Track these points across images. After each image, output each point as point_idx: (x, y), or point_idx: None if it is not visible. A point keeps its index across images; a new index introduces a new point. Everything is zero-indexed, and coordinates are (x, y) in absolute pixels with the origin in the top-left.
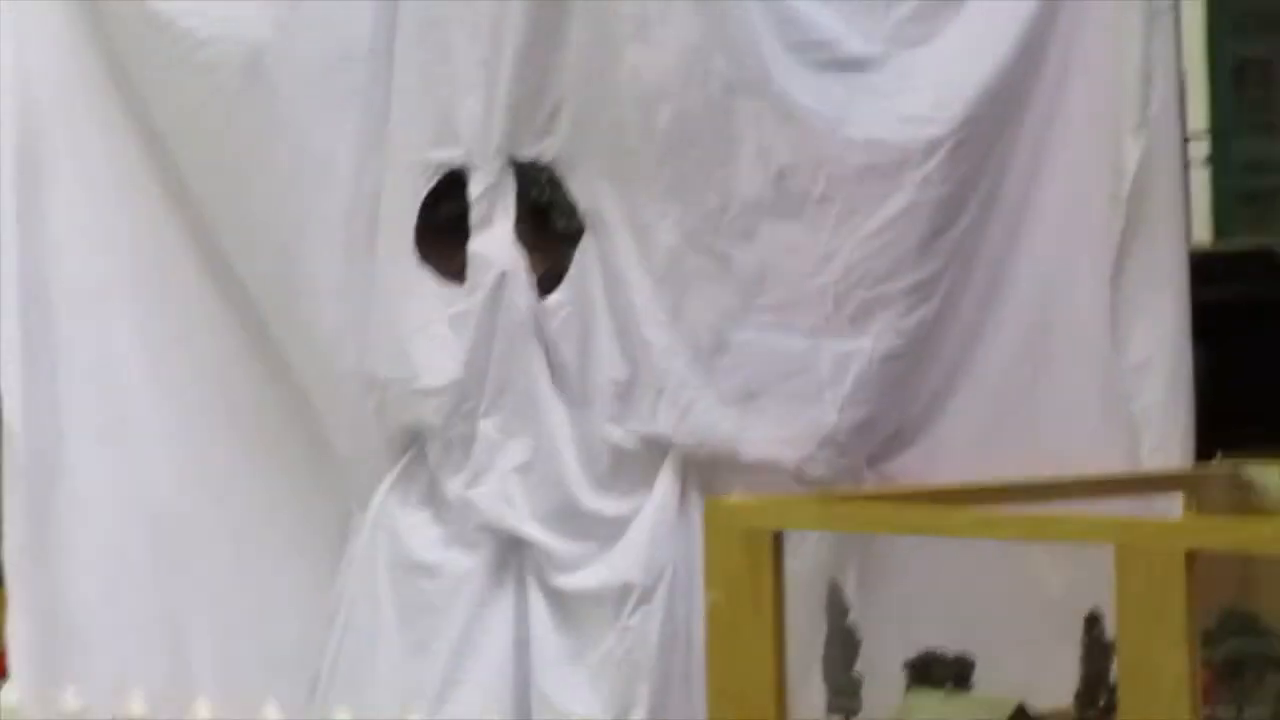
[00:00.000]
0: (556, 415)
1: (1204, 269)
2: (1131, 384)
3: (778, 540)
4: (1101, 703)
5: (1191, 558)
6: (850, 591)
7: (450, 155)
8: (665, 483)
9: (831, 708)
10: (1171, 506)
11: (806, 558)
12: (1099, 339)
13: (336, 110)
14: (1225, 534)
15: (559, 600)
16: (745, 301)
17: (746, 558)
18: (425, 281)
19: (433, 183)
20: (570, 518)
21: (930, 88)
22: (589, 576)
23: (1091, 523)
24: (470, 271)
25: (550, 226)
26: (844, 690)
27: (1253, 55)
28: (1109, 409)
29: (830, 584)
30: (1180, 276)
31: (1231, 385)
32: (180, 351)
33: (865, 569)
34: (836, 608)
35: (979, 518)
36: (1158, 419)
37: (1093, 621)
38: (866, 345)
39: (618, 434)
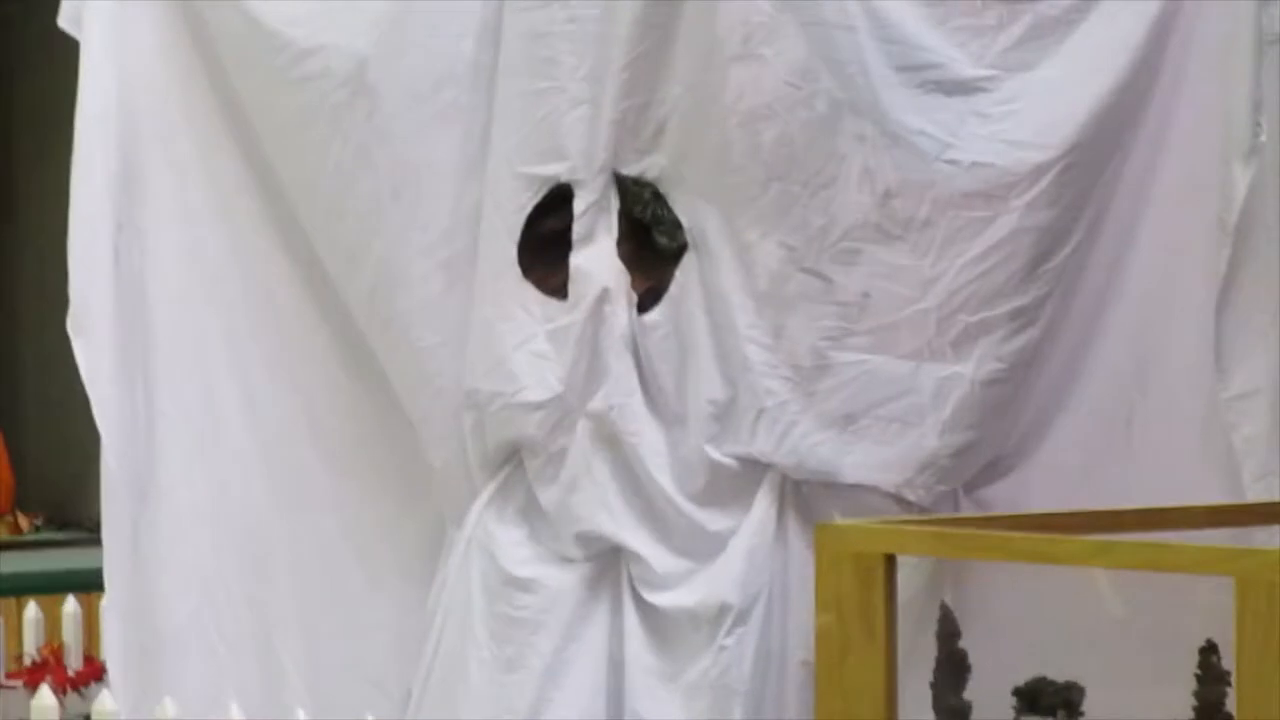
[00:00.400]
0: (652, 432)
1: None
2: (1235, 414)
3: (890, 563)
4: None
5: None
6: None
7: (555, 170)
8: (763, 503)
9: None
10: (1273, 539)
11: (902, 585)
12: (1203, 368)
13: (439, 125)
14: None
15: (654, 619)
16: (847, 324)
17: (858, 580)
18: (526, 296)
19: (538, 198)
20: (667, 531)
21: (1038, 112)
22: (686, 595)
23: (1211, 552)
24: (572, 287)
25: (652, 244)
26: (954, 716)
27: None
28: (1211, 439)
29: (942, 607)
30: None
31: None
32: (275, 368)
33: (959, 596)
34: (948, 631)
35: (1095, 545)
36: (1261, 449)
37: (1208, 651)
38: (968, 370)
39: (716, 454)
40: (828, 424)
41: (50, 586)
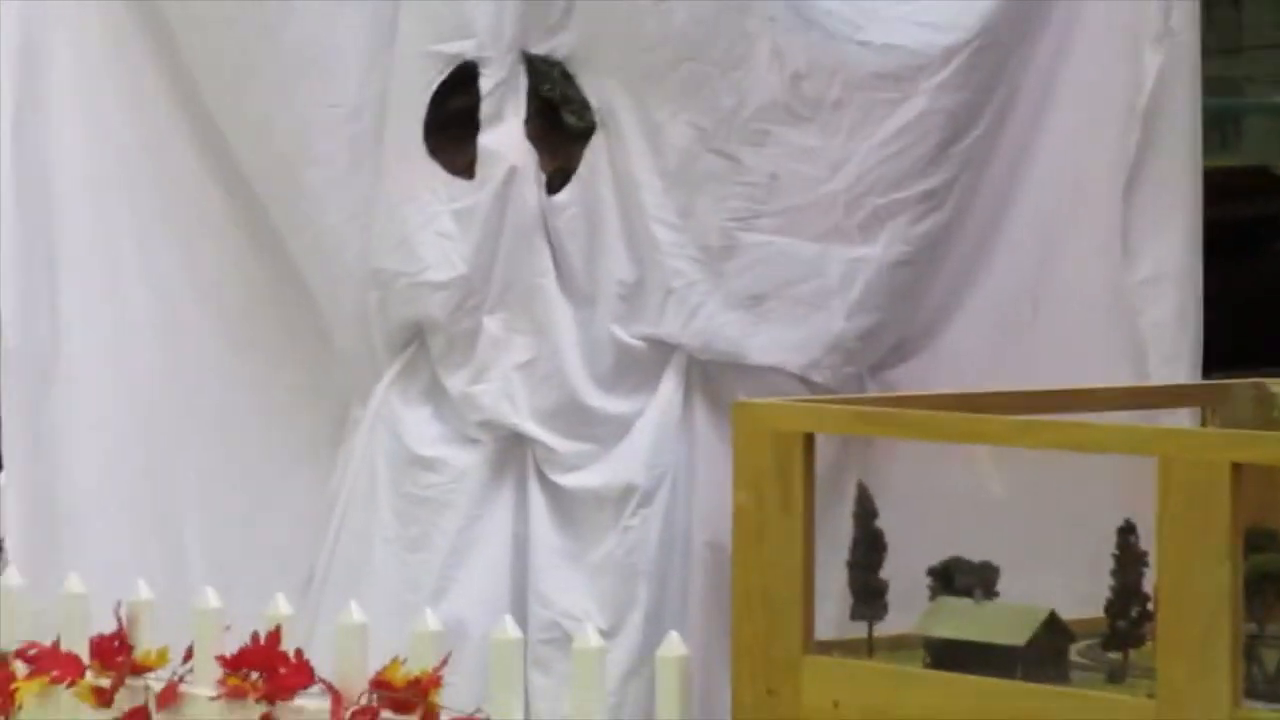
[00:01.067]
0: (561, 313)
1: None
2: (1141, 298)
3: (809, 442)
4: (1134, 613)
5: (1238, 470)
6: None
7: (462, 48)
8: (670, 385)
9: (855, 614)
10: (1178, 421)
11: None
12: (1110, 253)
13: (346, 3)
14: (1271, 447)
15: (559, 499)
16: (756, 205)
17: (776, 460)
18: (433, 176)
19: (443, 76)
20: (573, 416)
21: None
22: (591, 476)
23: (1136, 432)
24: (479, 167)
25: (561, 123)
26: (870, 595)
27: None
28: (1117, 323)
29: (859, 486)
30: (1194, 192)
31: (1224, 302)
32: (178, 247)
33: (869, 475)
34: (865, 510)
35: (1020, 424)
36: (1167, 334)
37: (1126, 531)
38: (876, 252)
39: (623, 335)
40: (735, 305)
41: None
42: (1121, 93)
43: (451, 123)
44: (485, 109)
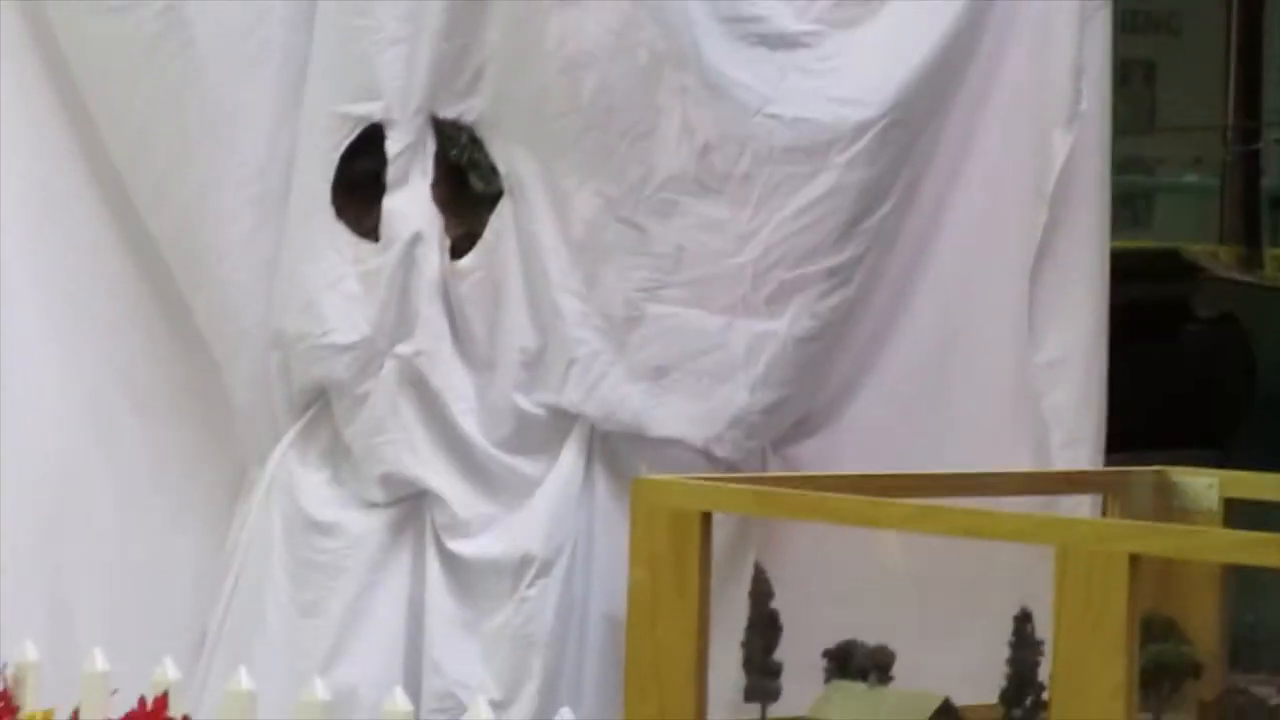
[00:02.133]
0: (459, 380)
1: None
2: (1044, 380)
3: (707, 521)
4: (1028, 701)
5: (1135, 561)
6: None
7: (369, 110)
8: (571, 454)
9: (750, 695)
10: (1079, 507)
11: None
12: (1014, 334)
13: (254, 64)
14: (1169, 539)
15: (456, 567)
16: (661, 276)
17: (673, 539)
18: (338, 237)
19: (351, 138)
20: (472, 475)
21: (861, 70)
22: (489, 544)
23: (1034, 520)
24: (384, 229)
25: (468, 188)
26: (765, 676)
27: (1130, 56)
28: (1020, 405)
29: (756, 567)
30: (1101, 275)
31: (1131, 386)
32: (76, 302)
33: (771, 560)
34: (761, 590)
35: (918, 510)
36: (1069, 418)
37: (1023, 620)
38: (782, 327)
39: (524, 402)
40: (638, 376)
41: None
42: (1030, 174)
43: (358, 184)
44: (392, 172)
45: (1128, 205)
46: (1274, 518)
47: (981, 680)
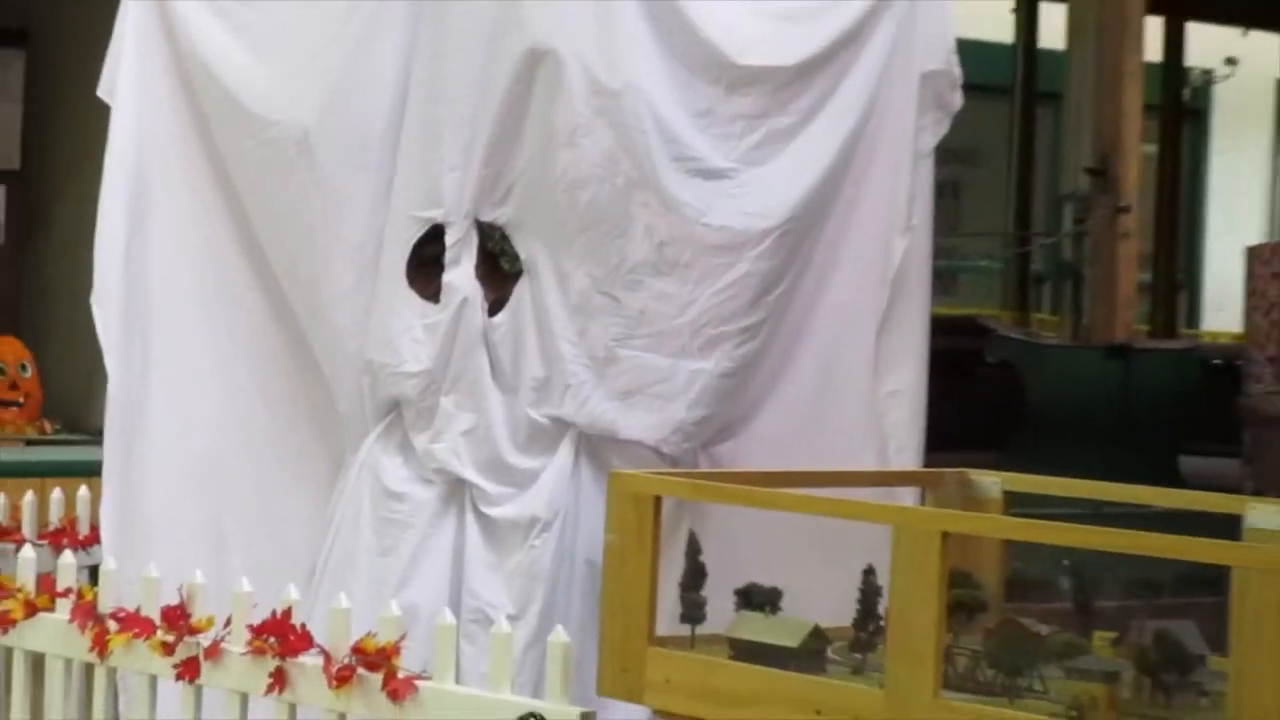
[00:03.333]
0: (493, 399)
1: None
2: (886, 406)
3: (658, 502)
4: (871, 628)
5: (945, 536)
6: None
7: (434, 214)
8: (565, 450)
9: (684, 618)
10: (906, 495)
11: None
12: (866, 374)
13: (358, 175)
14: (968, 521)
15: (487, 525)
16: (630, 331)
17: (636, 514)
18: (411, 299)
19: (421, 232)
20: (498, 468)
21: (766, 194)
22: (509, 510)
23: (878, 508)
24: (443, 295)
25: (499, 268)
26: (694, 607)
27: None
28: (869, 423)
29: (689, 533)
30: (923, 332)
31: (942, 409)
32: (232, 338)
33: (702, 528)
34: (693, 549)
35: (802, 498)
36: (902, 432)
37: (869, 572)
38: (709, 366)
39: (535, 414)
40: (612, 398)
41: (67, 473)
42: (879, 265)
43: (425, 263)
44: (449, 256)
45: (941, 283)
46: (1038, 503)
47: (841, 612)
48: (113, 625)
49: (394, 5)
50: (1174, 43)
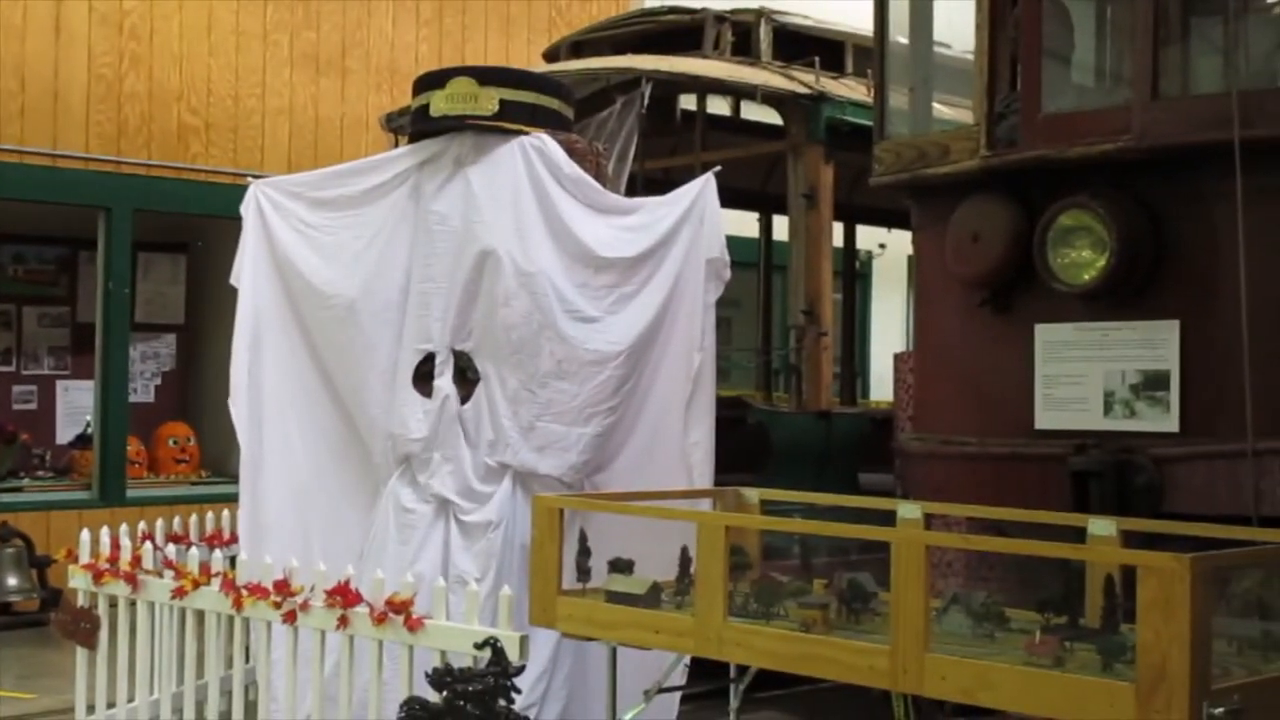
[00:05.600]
0: (465, 453)
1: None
2: (690, 451)
3: (562, 513)
4: (687, 581)
5: (729, 529)
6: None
7: (428, 346)
8: (507, 482)
9: (577, 579)
10: (704, 504)
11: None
12: (679, 432)
13: (384, 329)
14: (742, 520)
15: (463, 526)
16: (542, 411)
17: (549, 520)
18: (415, 395)
19: (420, 356)
20: (468, 493)
21: (619, 330)
22: (476, 516)
23: (689, 512)
24: (434, 394)
25: (466, 377)
26: (583, 573)
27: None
28: (682, 461)
29: (580, 530)
30: (711, 408)
31: (722, 449)
32: (313, 420)
33: (587, 526)
34: (583, 540)
35: (646, 507)
36: (700, 466)
37: (685, 552)
38: (590, 431)
39: (489, 461)
40: (533, 450)
41: (216, 500)
42: (685, 368)
43: (423, 376)
44: (436, 370)
45: (721, 376)
46: (781, 510)
47: (669, 572)
48: (244, 593)
49: (402, 228)
50: (849, 235)
